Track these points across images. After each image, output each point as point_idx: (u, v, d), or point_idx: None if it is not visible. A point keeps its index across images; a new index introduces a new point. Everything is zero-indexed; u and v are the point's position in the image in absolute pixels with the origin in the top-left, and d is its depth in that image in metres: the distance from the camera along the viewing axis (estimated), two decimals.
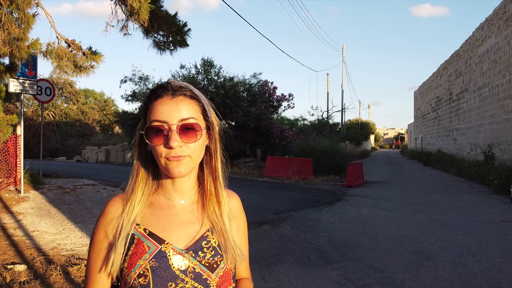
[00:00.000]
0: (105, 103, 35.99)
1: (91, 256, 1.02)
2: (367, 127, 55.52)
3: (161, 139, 0.99)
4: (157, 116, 0.99)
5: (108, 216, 1.03)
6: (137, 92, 19.52)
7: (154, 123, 0.99)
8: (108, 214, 1.03)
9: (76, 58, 5.51)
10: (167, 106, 1.00)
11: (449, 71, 25.24)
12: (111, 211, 1.04)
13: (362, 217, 7.84)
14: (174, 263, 1.01)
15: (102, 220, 1.03)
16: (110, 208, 1.04)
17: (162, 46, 6.05)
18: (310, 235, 6.41)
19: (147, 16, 5.05)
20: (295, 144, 18.61)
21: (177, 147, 0.98)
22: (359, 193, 11.30)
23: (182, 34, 6.01)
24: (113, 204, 1.05)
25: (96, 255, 1.02)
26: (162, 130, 0.99)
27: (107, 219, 1.03)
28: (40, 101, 10.43)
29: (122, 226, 1.01)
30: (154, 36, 5.89)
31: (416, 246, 5.80)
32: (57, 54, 5.41)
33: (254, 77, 20.13)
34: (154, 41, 5.98)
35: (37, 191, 9.17)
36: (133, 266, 0.99)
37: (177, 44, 6.04)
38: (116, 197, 1.07)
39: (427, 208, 8.94)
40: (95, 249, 1.02)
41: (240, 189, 12.12)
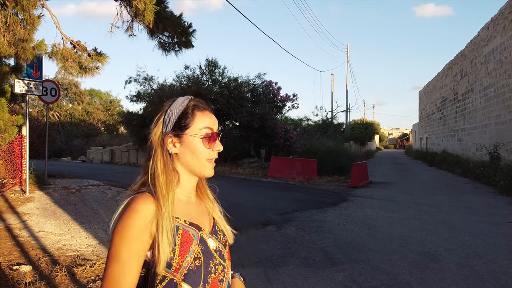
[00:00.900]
0: (111, 103, 36.08)
1: (124, 251, 1.07)
2: (371, 127, 55.33)
3: (210, 143, 1.21)
4: (209, 124, 1.22)
5: (143, 213, 1.09)
6: (142, 92, 19.56)
7: (207, 130, 1.21)
8: (142, 212, 1.09)
9: (81, 59, 5.52)
10: (212, 118, 1.24)
11: (454, 71, 25.11)
12: (146, 208, 1.09)
13: (367, 218, 7.81)
14: (210, 245, 1.21)
15: (136, 217, 1.08)
16: (143, 206, 1.09)
17: (167, 47, 6.04)
18: (315, 236, 6.39)
19: (152, 17, 5.04)
20: (300, 144, 18.59)
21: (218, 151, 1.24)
22: (364, 194, 11.27)
23: (187, 35, 5.99)
24: (146, 202, 1.10)
25: (131, 250, 1.07)
26: (213, 136, 1.22)
27: (143, 216, 1.09)
28: (46, 102, 10.47)
29: (164, 220, 1.10)
30: (159, 37, 5.89)
31: (421, 247, 5.77)
32: (62, 55, 5.42)
33: (258, 78, 20.15)
34: (159, 42, 5.97)
35: (43, 191, 9.20)
36: (187, 252, 1.13)
37: (182, 45, 6.03)
38: (143, 195, 1.12)
39: (432, 209, 8.89)
40: (131, 244, 1.07)
41: (244, 189, 12.19)
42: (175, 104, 1.22)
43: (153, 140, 1.19)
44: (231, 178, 14.89)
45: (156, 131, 1.19)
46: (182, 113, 1.20)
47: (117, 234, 1.08)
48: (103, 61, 5.70)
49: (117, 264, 1.07)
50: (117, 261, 1.07)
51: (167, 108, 1.22)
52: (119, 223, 1.08)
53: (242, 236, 6.34)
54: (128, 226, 1.07)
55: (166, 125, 1.19)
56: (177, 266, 1.11)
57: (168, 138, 1.18)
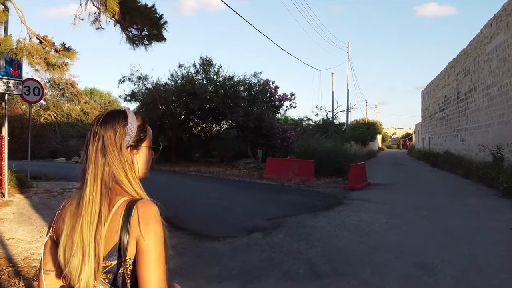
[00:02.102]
0: (109, 103, 35.72)
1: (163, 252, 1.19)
2: (374, 127, 54.76)
3: (157, 152, 1.40)
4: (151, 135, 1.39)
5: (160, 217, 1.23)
6: (136, 92, 19.18)
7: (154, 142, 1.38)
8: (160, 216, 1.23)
9: (48, 55, 5.12)
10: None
11: (457, 70, 24.61)
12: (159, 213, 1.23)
13: (361, 224, 7.37)
14: None
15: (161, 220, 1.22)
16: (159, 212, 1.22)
17: (136, 41, 5.60)
18: (303, 244, 5.96)
19: (116, 8, 4.60)
20: (297, 145, 18.13)
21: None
22: (361, 197, 10.82)
23: (158, 27, 5.54)
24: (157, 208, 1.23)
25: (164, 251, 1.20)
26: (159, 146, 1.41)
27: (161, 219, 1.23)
28: (28, 102, 10.07)
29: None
30: (128, 30, 5.45)
31: (416, 258, 5.33)
32: (28, 51, 5.01)
33: (254, 76, 19.72)
34: (127, 35, 5.52)
35: (23, 194, 8.81)
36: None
37: (152, 38, 5.58)
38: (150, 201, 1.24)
39: (432, 214, 8.44)
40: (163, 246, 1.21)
41: (236, 192, 11.77)
42: (131, 118, 1.29)
43: (116, 153, 1.24)
44: (224, 180, 14.48)
45: (121, 145, 1.25)
46: (139, 126, 1.31)
47: (155, 238, 1.16)
48: (72, 57, 5.28)
49: (162, 264, 1.17)
50: (162, 261, 1.17)
51: (126, 122, 1.28)
52: (153, 228, 1.17)
53: (224, 245, 5.93)
54: (160, 229, 1.19)
55: (128, 139, 1.27)
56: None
57: (130, 149, 1.29)
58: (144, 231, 1.15)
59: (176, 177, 14.90)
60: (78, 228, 1.17)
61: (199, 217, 7.89)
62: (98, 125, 1.25)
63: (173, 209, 8.52)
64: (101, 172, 1.22)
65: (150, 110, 18.09)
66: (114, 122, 1.26)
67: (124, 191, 1.23)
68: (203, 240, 6.22)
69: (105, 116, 1.28)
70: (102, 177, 1.21)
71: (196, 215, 8.04)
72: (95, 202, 1.19)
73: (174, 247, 5.94)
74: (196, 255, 5.51)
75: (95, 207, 1.18)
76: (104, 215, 1.18)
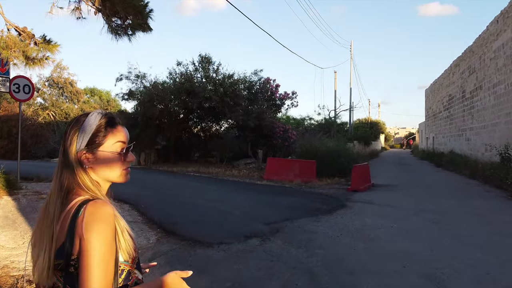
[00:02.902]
0: (108, 102, 35.37)
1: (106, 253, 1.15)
2: (377, 126, 54.25)
3: (123, 157, 1.34)
4: (121, 139, 1.33)
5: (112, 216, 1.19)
6: (134, 90, 18.77)
7: (120, 144, 1.32)
8: (111, 215, 1.19)
9: (27, 48, 4.73)
10: (123, 132, 1.35)
11: (461, 68, 24.12)
12: (111, 212, 1.20)
13: (365, 229, 6.96)
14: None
15: (111, 220, 1.19)
16: (109, 210, 1.19)
17: (118, 31, 5.19)
18: (303, 252, 5.55)
19: None
20: (299, 144, 17.67)
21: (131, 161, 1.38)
22: (364, 199, 10.40)
23: (143, 16, 5.11)
24: (109, 206, 1.20)
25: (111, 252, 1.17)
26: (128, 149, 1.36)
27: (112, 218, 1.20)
28: (18, 100, 9.69)
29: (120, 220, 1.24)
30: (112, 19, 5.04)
31: (425, 267, 4.91)
32: (6, 43, 4.63)
33: (255, 75, 19.25)
34: (108, 25, 5.10)
35: (11, 196, 8.45)
36: (135, 244, 1.30)
37: (136, 28, 5.15)
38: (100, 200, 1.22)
39: (439, 217, 8.03)
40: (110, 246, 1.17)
41: (234, 194, 11.35)
42: (87, 121, 1.28)
43: (70, 156, 1.26)
44: (223, 181, 14.06)
45: (71, 148, 1.26)
46: (95, 131, 1.27)
47: (100, 238, 1.14)
48: (53, 50, 4.88)
49: (104, 267, 1.13)
50: (102, 264, 1.13)
51: (80, 125, 1.28)
52: (98, 227, 1.14)
53: (218, 252, 5.53)
54: (108, 229, 1.16)
55: (80, 142, 1.26)
56: (133, 257, 1.27)
57: (82, 154, 1.26)
58: (85, 231, 1.13)
59: (173, 178, 14.50)
60: (41, 225, 1.25)
61: (194, 221, 7.49)
62: (67, 128, 1.30)
63: (167, 212, 8.14)
64: (61, 174, 1.26)
65: (147, 109, 17.69)
66: (73, 126, 1.28)
67: (84, 192, 1.24)
68: (196, 246, 5.83)
69: (72, 119, 1.33)
70: (60, 179, 1.26)
71: (191, 219, 7.65)
72: (53, 202, 1.24)
73: (165, 255, 5.56)
74: (187, 263, 5.12)
75: (52, 206, 1.23)
76: (58, 214, 1.22)
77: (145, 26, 5.17)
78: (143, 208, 8.27)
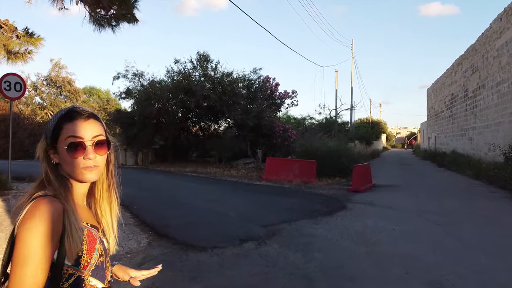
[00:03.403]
0: (107, 102, 35.12)
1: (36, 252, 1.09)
2: (378, 126, 53.93)
3: (77, 153, 1.23)
4: (75, 133, 1.23)
5: (50, 213, 1.12)
6: (131, 89, 18.50)
7: (71, 139, 1.23)
8: (50, 212, 1.12)
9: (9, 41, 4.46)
10: (83, 125, 1.25)
11: (464, 67, 23.81)
12: (52, 209, 1.13)
13: (366, 232, 6.68)
14: (105, 245, 1.35)
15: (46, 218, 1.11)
16: (49, 207, 1.13)
17: (101, 22, 4.91)
18: (300, 256, 5.28)
19: None
20: (299, 144, 17.38)
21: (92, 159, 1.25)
22: (365, 200, 10.12)
23: (128, 6, 4.82)
24: (51, 204, 1.14)
25: (43, 251, 1.10)
26: (80, 145, 1.23)
27: (51, 216, 1.12)
28: (9, 98, 9.43)
29: (70, 218, 1.17)
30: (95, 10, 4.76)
31: (429, 273, 4.64)
32: None
33: (254, 73, 18.95)
34: (90, 15, 4.82)
35: (1, 197, 8.21)
36: (93, 250, 1.24)
37: (120, 18, 4.87)
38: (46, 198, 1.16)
39: (442, 219, 7.75)
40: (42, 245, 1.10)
41: (232, 194, 11.08)
42: (53, 117, 1.29)
43: (39, 152, 1.27)
44: (221, 181, 13.79)
45: (40, 144, 1.27)
46: (54, 126, 1.25)
47: (28, 236, 1.09)
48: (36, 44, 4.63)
49: (27, 267, 1.08)
50: (27, 263, 1.08)
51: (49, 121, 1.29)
52: (28, 225, 1.10)
53: (211, 257, 5.27)
54: (38, 227, 1.10)
55: (46, 137, 1.27)
56: (85, 263, 1.20)
57: (49, 149, 1.25)
58: (19, 227, 1.12)
59: (170, 178, 14.24)
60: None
61: (188, 223, 7.23)
62: None
63: (161, 214, 7.88)
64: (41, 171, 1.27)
65: (144, 108, 17.43)
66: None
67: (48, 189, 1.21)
68: (188, 250, 5.56)
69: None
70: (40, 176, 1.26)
71: (186, 221, 7.38)
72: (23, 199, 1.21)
73: (155, 259, 5.28)
74: (178, 268, 4.86)
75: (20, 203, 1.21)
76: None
77: (130, 16, 4.88)
78: (136, 210, 8.01)
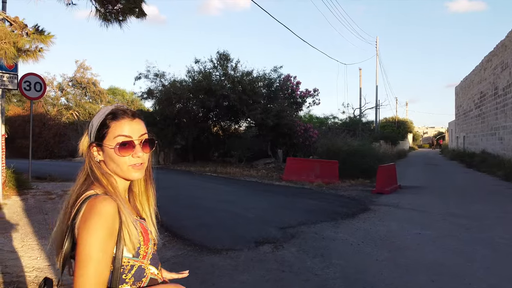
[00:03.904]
0: (132, 102, 35.50)
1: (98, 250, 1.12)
2: (404, 125, 52.71)
3: (126, 151, 1.27)
4: (124, 132, 1.27)
5: (109, 212, 1.15)
6: (153, 89, 18.54)
7: (123, 138, 1.27)
8: (108, 211, 1.15)
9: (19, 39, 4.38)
10: (132, 125, 1.30)
11: (494, 64, 22.91)
12: (109, 207, 1.16)
13: (389, 236, 6.34)
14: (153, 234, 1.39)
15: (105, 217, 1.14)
16: (106, 206, 1.16)
17: (108, 16, 4.76)
18: (318, 262, 5.01)
19: None
20: (320, 144, 16.99)
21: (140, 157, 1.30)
22: (390, 202, 9.73)
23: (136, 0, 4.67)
24: (107, 202, 1.17)
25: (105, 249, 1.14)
26: (129, 144, 1.28)
27: (109, 215, 1.15)
28: (29, 98, 9.51)
29: (126, 215, 1.21)
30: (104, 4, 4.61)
31: (458, 283, 4.31)
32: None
33: (274, 71, 18.65)
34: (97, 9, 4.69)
35: (20, 196, 8.23)
36: (148, 240, 1.30)
37: (128, 12, 4.71)
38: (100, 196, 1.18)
39: (472, 223, 7.33)
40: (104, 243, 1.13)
41: (250, 195, 10.84)
42: (97, 115, 1.31)
43: (83, 149, 1.31)
44: (240, 181, 13.59)
45: (83, 141, 1.32)
46: (100, 124, 1.28)
47: (90, 236, 1.11)
48: (46, 41, 4.52)
49: (93, 266, 1.11)
50: (93, 262, 1.11)
51: (92, 119, 1.31)
52: (90, 225, 1.12)
53: (225, 260, 5.06)
54: (99, 226, 1.13)
55: (90, 135, 1.30)
56: (144, 253, 1.26)
57: (92, 147, 1.29)
58: (79, 227, 1.14)
59: (190, 178, 14.14)
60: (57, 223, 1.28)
61: (204, 224, 7.05)
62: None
63: (177, 214, 7.73)
64: (82, 169, 1.29)
65: (165, 108, 17.44)
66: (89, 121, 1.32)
67: (96, 187, 1.24)
68: (203, 253, 5.38)
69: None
70: (80, 174, 1.29)
71: (202, 222, 7.21)
72: (69, 197, 1.26)
73: (168, 261, 5.12)
74: (191, 272, 4.63)
75: (67, 201, 1.27)
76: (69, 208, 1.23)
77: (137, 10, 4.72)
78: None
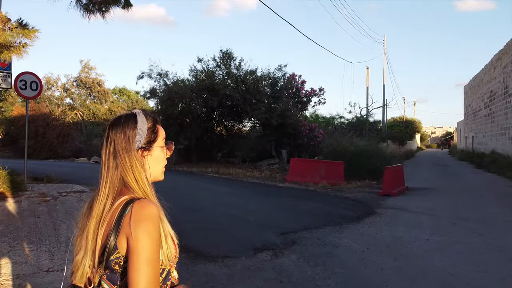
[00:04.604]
0: (137, 102, 35.36)
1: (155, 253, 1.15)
2: (412, 125, 52.02)
3: (169, 150, 1.40)
4: (164, 135, 1.39)
5: (157, 217, 1.18)
6: (156, 88, 18.29)
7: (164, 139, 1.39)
8: (157, 216, 1.19)
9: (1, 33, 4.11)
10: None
11: (504, 62, 22.38)
12: (157, 213, 1.19)
13: (396, 243, 6.00)
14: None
15: (157, 220, 1.18)
16: (155, 211, 1.19)
17: (90, 7, 4.46)
18: (319, 271, 4.69)
19: None
20: (325, 144, 16.62)
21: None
22: (397, 205, 9.37)
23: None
24: (155, 207, 1.20)
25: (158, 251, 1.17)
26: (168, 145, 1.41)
27: (158, 219, 1.19)
28: (25, 97, 9.26)
29: (166, 222, 1.26)
30: None
31: None
32: None
33: (279, 70, 18.31)
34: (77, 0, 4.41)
35: (14, 198, 7.98)
36: (175, 245, 1.31)
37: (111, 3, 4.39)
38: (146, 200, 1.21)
39: (483, 228, 6.96)
40: (157, 246, 1.17)
41: (252, 197, 10.49)
42: (141, 120, 1.30)
43: (125, 156, 1.25)
44: (242, 183, 13.27)
45: (131, 147, 1.26)
46: (149, 128, 1.31)
47: (147, 238, 1.13)
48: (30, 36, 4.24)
49: (152, 268, 1.13)
50: (152, 262, 1.13)
51: (134, 125, 1.28)
52: (144, 227, 1.14)
53: (220, 269, 4.76)
54: (154, 228, 1.15)
55: (139, 140, 1.27)
56: (173, 258, 1.28)
57: (141, 151, 1.29)
58: (133, 230, 1.14)
59: (191, 179, 13.84)
60: (87, 227, 1.23)
61: (202, 229, 6.75)
62: (110, 129, 1.28)
63: (174, 218, 7.37)
64: (111, 174, 1.24)
65: (167, 108, 17.19)
66: (124, 126, 1.28)
67: (131, 192, 1.24)
68: (197, 260, 5.08)
69: (116, 120, 1.31)
70: (112, 179, 1.24)
71: (199, 226, 6.91)
72: (102, 203, 1.22)
73: None
74: (183, 281, 4.36)
75: (101, 207, 1.22)
76: (105, 213, 1.21)
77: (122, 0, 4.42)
78: None
